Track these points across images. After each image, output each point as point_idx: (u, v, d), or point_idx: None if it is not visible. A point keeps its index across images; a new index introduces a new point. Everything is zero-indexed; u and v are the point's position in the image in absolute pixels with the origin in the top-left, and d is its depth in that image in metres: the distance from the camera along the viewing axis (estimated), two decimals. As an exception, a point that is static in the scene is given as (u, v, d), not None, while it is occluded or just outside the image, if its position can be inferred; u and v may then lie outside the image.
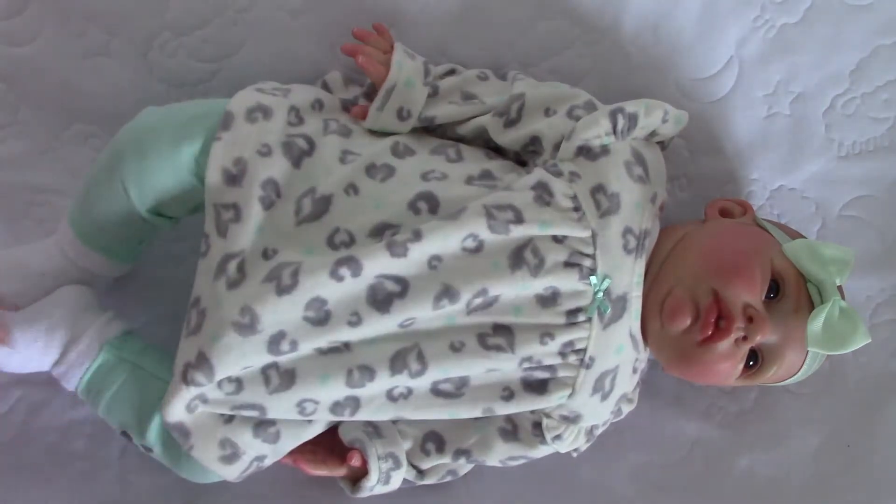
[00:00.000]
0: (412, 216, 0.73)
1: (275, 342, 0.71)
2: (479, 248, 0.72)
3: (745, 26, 0.88)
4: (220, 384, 0.73)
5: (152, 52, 0.87)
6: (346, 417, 0.76)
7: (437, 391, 0.76)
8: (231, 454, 0.77)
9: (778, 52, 0.89)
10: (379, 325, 0.71)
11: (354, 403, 0.75)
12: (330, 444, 0.83)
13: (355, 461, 0.80)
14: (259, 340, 0.71)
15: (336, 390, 0.74)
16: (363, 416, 0.76)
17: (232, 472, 0.78)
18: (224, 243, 0.73)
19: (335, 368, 0.73)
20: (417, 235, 0.70)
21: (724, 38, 0.89)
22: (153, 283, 0.89)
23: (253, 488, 0.88)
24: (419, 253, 0.70)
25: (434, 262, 0.71)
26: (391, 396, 0.76)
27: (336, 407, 0.75)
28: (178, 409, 0.74)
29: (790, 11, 0.88)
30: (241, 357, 0.71)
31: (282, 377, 0.73)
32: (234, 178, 0.73)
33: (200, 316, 0.73)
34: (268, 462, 0.80)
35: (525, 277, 0.72)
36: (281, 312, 0.70)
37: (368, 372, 0.73)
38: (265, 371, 0.73)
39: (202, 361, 0.71)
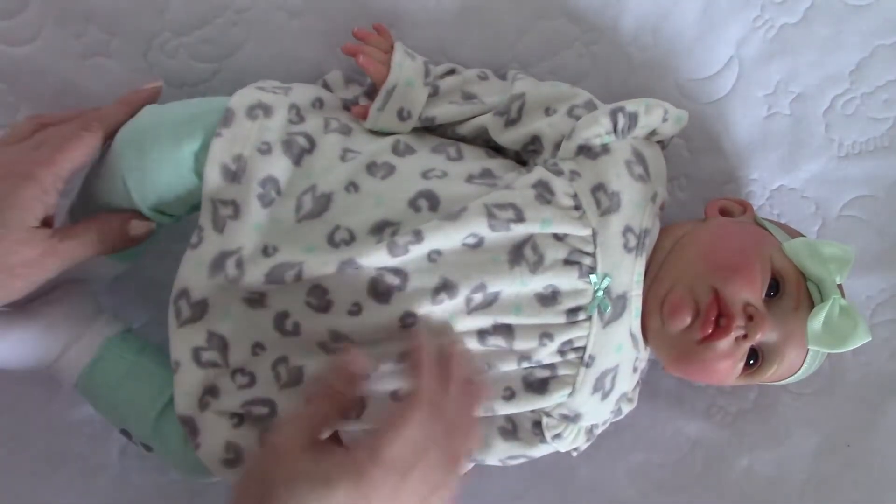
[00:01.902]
0: (412, 214, 0.73)
1: (280, 320, 0.73)
2: (479, 245, 0.72)
3: (745, 26, 0.89)
4: (233, 376, 0.74)
5: (152, 52, 0.87)
6: (350, 418, 0.76)
7: (439, 390, 0.76)
8: (234, 458, 0.77)
9: (778, 52, 0.89)
10: (378, 315, 0.71)
11: (359, 404, 0.75)
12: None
13: (356, 460, 0.80)
14: (267, 315, 0.72)
15: None
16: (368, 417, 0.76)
17: (233, 476, 0.78)
18: (221, 239, 0.73)
19: None
20: (418, 236, 0.70)
21: (724, 39, 0.89)
22: (152, 282, 0.89)
23: (253, 488, 0.88)
24: (420, 251, 0.71)
25: (434, 255, 0.71)
26: (395, 397, 0.76)
27: None
28: (190, 400, 0.75)
29: (790, 11, 0.88)
30: (250, 329, 0.72)
31: (290, 373, 0.74)
32: (233, 174, 0.73)
33: (200, 305, 0.73)
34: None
35: (524, 274, 0.72)
36: (285, 298, 0.72)
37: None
38: (275, 367, 0.74)
39: (215, 340, 0.73)
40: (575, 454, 0.85)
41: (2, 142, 0.75)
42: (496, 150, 0.83)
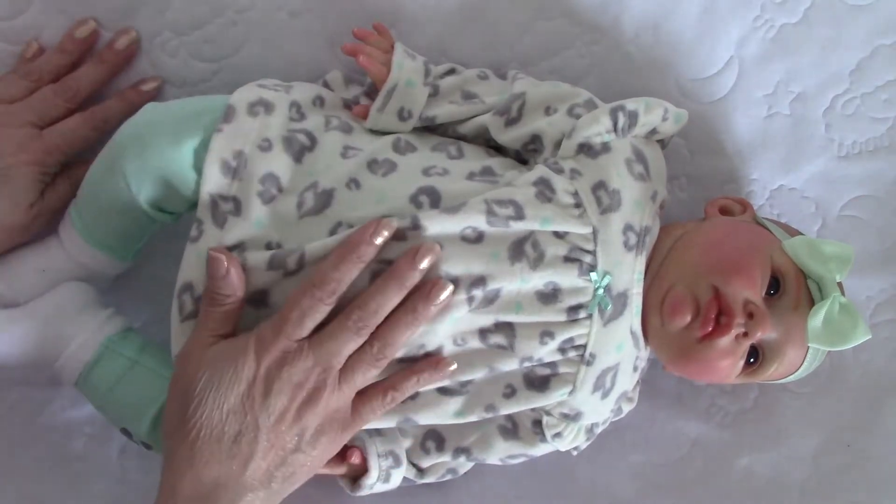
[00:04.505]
0: (414, 209, 0.73)
1: None
2: (479, 239, 0.72)
3: (745, 26, 0.89)
4: None
5: (153, 51, 0.87)
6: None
7: (442, 389, 0.76)
8: None
9: (778, 52, 0.89)
10: None
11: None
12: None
13: (355, 459, 0.80)
14: (269, 314, 0.72)
15: None
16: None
17: None
18: (220, 234, 0.73)
19: None
20: (416, 223, 0.70)
21: (724, 38, 0.89)
22: (153, 281, 0.89)
23: (253, 487, 0.88)
24: (418, 240, 0.71)
25: None
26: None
27: None
28: None
29: (790, 11, 0.88)
30: (252, 327, 0.72)
31: None
32: (233, 171, 0.73)
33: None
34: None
35: (524, 270, 0.72)
36: (287, 296, 0.71)
37: None
38: None
39: None
40: (575, 453, 0.85)
41: None
42: (496, 149, 0.83)
